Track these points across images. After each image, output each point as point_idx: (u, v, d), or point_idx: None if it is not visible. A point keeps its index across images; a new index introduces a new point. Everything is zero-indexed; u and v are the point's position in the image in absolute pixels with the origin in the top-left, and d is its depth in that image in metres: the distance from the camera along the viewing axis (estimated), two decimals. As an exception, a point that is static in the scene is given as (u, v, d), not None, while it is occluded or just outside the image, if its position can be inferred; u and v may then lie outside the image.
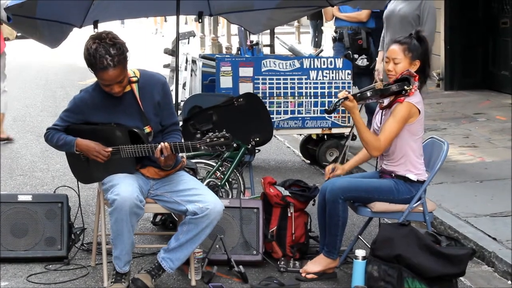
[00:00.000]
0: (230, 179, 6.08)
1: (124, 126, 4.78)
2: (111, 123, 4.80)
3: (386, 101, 5.01)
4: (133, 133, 4.76)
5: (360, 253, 4.83)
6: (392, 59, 4.97)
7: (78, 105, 4.86)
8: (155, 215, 6.11)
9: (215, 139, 4.59)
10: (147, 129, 4.79)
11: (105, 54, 4.53)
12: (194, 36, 10.10)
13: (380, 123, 5.03)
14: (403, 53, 4.94)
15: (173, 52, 8.56)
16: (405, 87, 4.81)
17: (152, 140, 4.80)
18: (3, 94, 9.26)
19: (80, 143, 4.80)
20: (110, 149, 4.76)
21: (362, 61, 8.65)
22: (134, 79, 4.80)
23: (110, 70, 4.57)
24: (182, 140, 4.92)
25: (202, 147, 4.62)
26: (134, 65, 4.75)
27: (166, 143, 4.65)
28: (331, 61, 7.82)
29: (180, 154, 4.92)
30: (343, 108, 4.92)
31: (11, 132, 9.81)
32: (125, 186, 4.63)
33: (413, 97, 4.88)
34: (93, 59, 4.56)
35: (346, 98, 4.82)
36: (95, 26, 6.62)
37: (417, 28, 5.27)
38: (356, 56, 8.60)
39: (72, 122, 4.88)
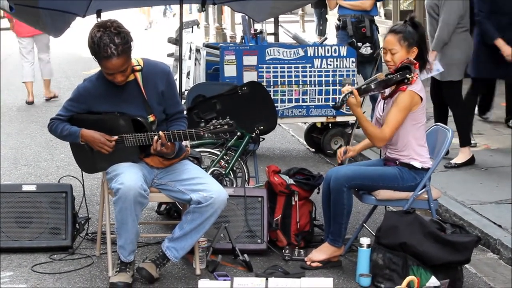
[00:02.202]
0: (235, 168, 6.08)
1: (127, 115, 4.76)
2: (114, 112, 4.79)
3: (387, 91, 5.00)
4: (137, 122, 4.75)
5: (365, 241, 4.82)
6: (389, 50, 4.95)
7: (82, 94, 4.84)
8: (160, 204, 6.11)
9: (218, 126, 4.57)
10: (151, 118, 4.77)
11: (110, 43, 4.50)
12: (198, 25, 10.08)
13: (383, 112, 5.01)
14: (399, 43, 4.92)
15: (177, 41, 8.55)
16: (407, 75, 4.79)
17: (156, 128, 4.78)
18: (48, 63, 11.43)
19: (85, 134, 4.79)
20: (115, 138, 4.74)
21: (366, 49, 8.62)
22: (138, 67, 4.77)
23: (114, 59, 4.54)
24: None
25: (206, 135, 4.60)
26: (138, 54, 4.73)
27: (161, 132, 4.63)
28: (335, 49, 7.79)
29: (184, 143, 4.91)
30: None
31: (15, 124, 9.83)
32: (129, 175, 4.62)
33: (415, 85, 4.86)
34: (97, 47, 4.53)
35: (351, 92, 4.80)
36: (98, 16, 6.60)
37: (411, 14, 5.20)
38: (359, 44, 8.58)
39: (76, 111, 4.86)
